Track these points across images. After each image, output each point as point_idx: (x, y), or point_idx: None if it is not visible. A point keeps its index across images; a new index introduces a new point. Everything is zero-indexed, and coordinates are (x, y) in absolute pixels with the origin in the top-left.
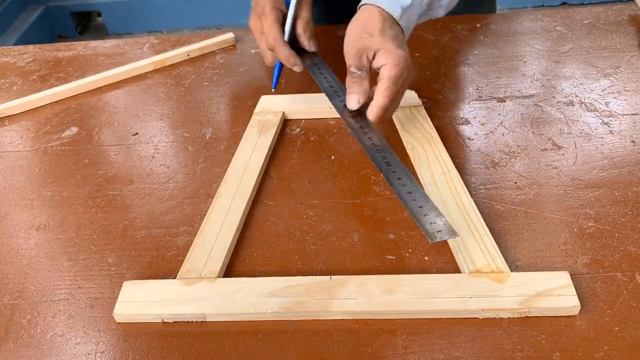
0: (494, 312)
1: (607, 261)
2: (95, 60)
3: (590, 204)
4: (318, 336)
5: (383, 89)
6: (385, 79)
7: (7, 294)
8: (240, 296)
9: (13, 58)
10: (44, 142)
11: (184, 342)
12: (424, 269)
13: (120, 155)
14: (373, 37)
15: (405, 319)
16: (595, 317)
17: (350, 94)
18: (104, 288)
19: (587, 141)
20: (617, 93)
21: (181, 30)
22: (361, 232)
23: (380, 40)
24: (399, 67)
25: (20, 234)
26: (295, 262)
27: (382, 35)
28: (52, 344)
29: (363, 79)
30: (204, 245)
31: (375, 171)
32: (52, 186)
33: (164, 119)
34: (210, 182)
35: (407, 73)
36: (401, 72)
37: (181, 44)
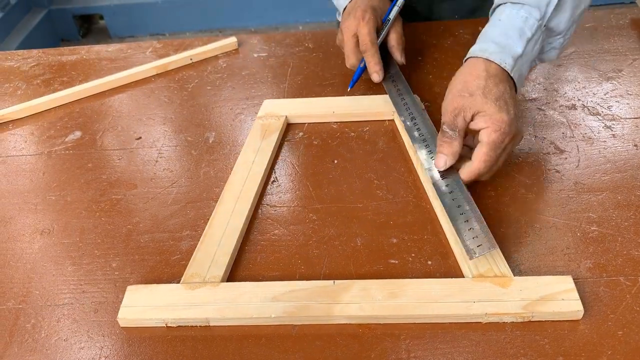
0: (497, 317)
1: (610, 265)
2: (99, 64)
3: (593, 208)
4: (321, 340)
5: (481, 154)
6: (484, 143)
7: (12, 298)
8: (244, 301)
9: (17, 62)
10: (48, 147)
11: (187, 346)
12: (427, 274)
13: (123, 160)
14: (474, 97)
15: (409, 323)
16: (599, 322)
17: (439, 154)
18: (107, 292)
19: (589, 145)
20: (619, 96)
21: (183, 34)
22: (364, 237)
23: (481, 101)
24: (500, 133)
25: (25, 238)
26: (298, 267)
27: (484, 95)
28: (57, 349)
29: (454, 140)
30: (208, 250)
31: (378, 175)
32: (56, 190)
33: (167, 123)
34: (214, 186)
35: (509, 138)
36: (502, 138)
37: (184, 48)
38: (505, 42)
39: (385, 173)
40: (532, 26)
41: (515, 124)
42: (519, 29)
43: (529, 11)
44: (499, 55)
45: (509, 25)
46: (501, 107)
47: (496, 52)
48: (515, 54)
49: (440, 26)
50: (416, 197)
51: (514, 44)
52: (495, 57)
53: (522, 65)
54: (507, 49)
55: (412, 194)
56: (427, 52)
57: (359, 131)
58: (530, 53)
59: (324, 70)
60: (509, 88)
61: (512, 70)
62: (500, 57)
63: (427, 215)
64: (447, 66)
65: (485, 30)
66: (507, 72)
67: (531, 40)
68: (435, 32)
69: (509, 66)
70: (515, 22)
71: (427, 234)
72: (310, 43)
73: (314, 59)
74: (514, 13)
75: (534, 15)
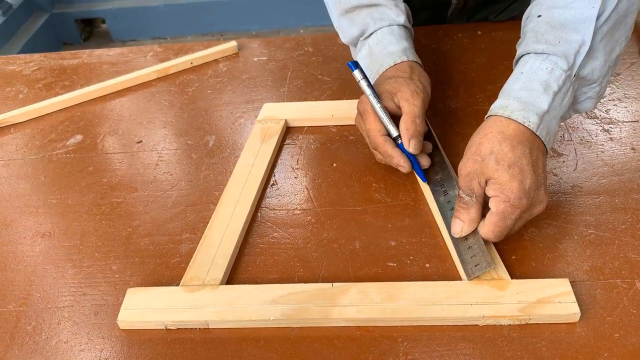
0: (495, 319)
1: (607, 268)
2: (100, 68)
3: (591, 211)
4: (320, 343)
5: (489, 223)
6: (493, 213)
7: (13, 300)
8: (243, 303)
9: (19, 66)
10: (49, 150)
11: (187, 348)
12: (425, 276)
13: (124, 163)
14: (485, 162)
15: (407, 326)
16: (596, 324)
17: (455, 219)
18: (108, 295)
19: (587, 148)
20: (617, 100)
21: (185, 37)
22: (363, 239)
23: (493, 167)
24: (508, 205)
25: (26, 241)
26: (297, 270)
27: (496, 161)
28: (57, 351)
29: (470, 207)
30: (207, 253)
31: (377, 178)
32: (57, 194)
33: (167, 127)
34: (213, 189)
35: (520, 211)
36: (512, 210)
37: (185, 52)
38: (528, 97)
39: (383, 176)
40: (558, 78)
41: (531, 194)
42: (544, 82)
43: (554, 61)
44: (522, 113)
45: (533, 78)
46: (514, 176)
47: (518, 109)
48: (540, 110)
49: (439, 30)
50: (414, 200)
51: (539, 99)
52: (518, 116)
53: (549, 122)
54: (530, 105)
55: (410, 197)
56: (426, 56)
57: (358, 134)
58: (558, 107)
59: (324, 74)
60: (529, 151)
61: (538, 129)
62: (523, 115)
63: (425, 218)
64: (446, 70)
65: (506, 84)
66: (530, 131)
67: (559, 94)
68: (434, 36)
69: (533, 125)
70: (539, 75)
71: (425, 237)
72: (310, 47)
73: (314, 62)
74: (537, 64)
75: (560, 65)
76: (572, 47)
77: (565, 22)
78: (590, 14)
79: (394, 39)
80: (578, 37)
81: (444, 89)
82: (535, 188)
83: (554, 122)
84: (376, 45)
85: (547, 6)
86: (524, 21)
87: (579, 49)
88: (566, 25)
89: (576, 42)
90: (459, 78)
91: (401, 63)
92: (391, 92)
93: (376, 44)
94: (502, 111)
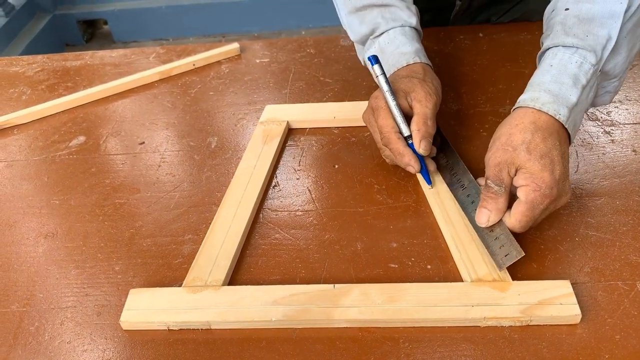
0: (496, 321)
1: (608, 270)
2: (103, 69)
3: (592, 213)
4: (321, 344)
5: (518, 213)
6: (522, 202)
7: (16, 301)
8: (245, 304)
9: (22, 68)
10: (52, 151)
11: (189, 349)
12: (427, 278)
13: (127, 164)
14: (517, 151)
15: (408, 327)
16: (597, 326)
17: (482, 209)
18: (110, 295)
19: (588, 150)
20: (618, 102)
21: (186, 38)
22: (364, 241)
23: (524, 157)
24: (539, 194)
25: (29, 241)
26: (299, 271)
27: (528, 151)
28: (60, 351)
29: (499, 197)
30: (209, 254)
31: (379, 180)
32: (59, 195)
33: (170, 128)
34: (216, 191)
35: (549, 200)
36: (541, 200)
37: (187, 53)
38: (558, 90)
39: (385, 178)
40: (587, 72)
41: (560, 185)
42: (574, 75)
43: (583, 55)
44: (553, 106)
45: (562, 71)
46: (545, 166)
47: (549, 102)
48: (570, 103)
49: (441, 32)
50: (416, 201)
51: (569, 92)
52: (549, 108)
53: (576, 115)
54: (561, 98)
55: (412, 198)
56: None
57: (360, 136)
58: (585, 101)
59: (326, 76)
60: (558, 143)
61: (567, 121)
62: (554, 107)
63: (427, 220)
64: (448, 72)
65: (535, 76)
66: (559, 124)
67: (586, 88)
68: (435, 38)
69: (563, 117)
70: (569, 68)
71: (427, 238)
72: (311, 49)
73: (316, 64)
74: (566, 58)
75: (589, 59)
76: (599, 42)
77: (593, 16)
78: (619, 9)
79: (406, 40)
80: (605, 32)
81: (446, 90)
82: (564, 179)
83: (579, 116)
84: (388, 45)
85: (574, 0)
86: (548, 14)
87: (605, 44)
88: (594, 20)
89: (603, 37)
90: (460, 80)
91: (414, 64)
92: (405, 91)
93: (388, 43)
94: (534, 103)
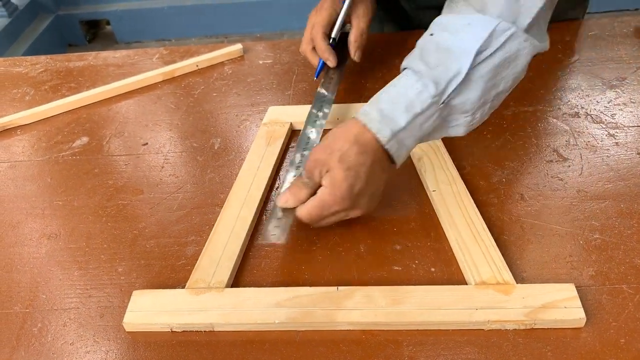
0: (500, 324)
1: (613, 273)
2: (106, 70)
3: (596, 216)
4: (325, 346)
5: (309, 206)
6: (316, 199)
7: (19, 302)
8: (248, 306)
9: (25, 68)
10: (55, 152)
11: (192, 351)
12: (431, 280)
13: (130, 165)
14: (332, 156)
15: (412, 330)
16: (601, 330)
17: (286, 191)
18: (113, 297)
19: (592, 153)
20: (623, 105)
21: (189, 39)
22: (368, 243)
23: (335, 163)
24: (331, 198)
25: (32, 242)
26: (302, 273)
27: (340, 159)
28: (63, 353)
29: (304, 188)
30: (212, 256)
31: None
32: (63, 195)
33: (173, 129)
34: (219, 192)
35: (340, 208)
36: (331, 204)
37: (190, 54)
38: (389, 111)
39: (389, 179)
40: (424, 101)
41: (355, 199)
42: (409, 101)
43: (425, 84)
44: (377, 125)
45: (401, 94)
46: (348, 177)
47: (376, 120)
48: (397, 127)
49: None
50: (420, 204)
51: (399, 116)
52: (373, 126)
53: (405, 138)
54: (388, 119)
55: (415, 201)
56: None
57: None
58: (418, 128)
59: None
60: (371, 161)
61: (387, 143)
62: (377, 126)
63: (431, 222)
64: None
65: (381, 90)
66: (380, 144)
67: (421, 115)
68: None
69: (383, 138)
70: (407, 93)
71: (431, 240)
72: None
73: None
74: (410, 83)
75: (429, 90)
76: (447, 75)
77: (449, 48)
78: (471, 47)
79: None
80: (456, 66)
81: None
82: (362, 195)
83: (409, 140)
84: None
85: (441, 27)
86: None
87: (452, 78)
88: (450, 52)
89: (452, 71)
90: None
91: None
92: None
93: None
94: (363, 117)
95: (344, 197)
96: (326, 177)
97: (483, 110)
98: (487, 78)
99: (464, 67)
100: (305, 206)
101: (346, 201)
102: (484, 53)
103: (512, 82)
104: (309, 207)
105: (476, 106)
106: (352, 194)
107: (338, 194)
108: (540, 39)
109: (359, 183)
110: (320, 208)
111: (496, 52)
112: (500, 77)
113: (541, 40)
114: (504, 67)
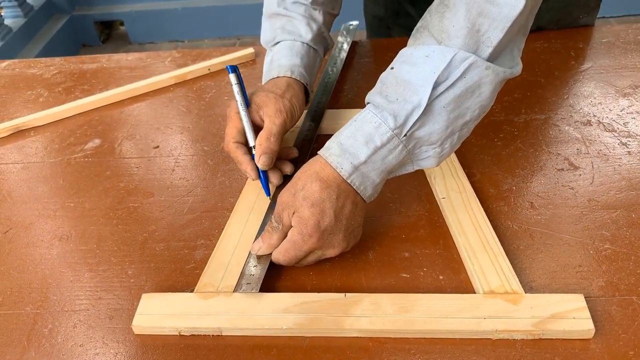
0: (508, 334)
1: (623, 284)
2: (119, 73)
3: (607, 226)
4: (332, 353)
5: (282, 248)
6: (287, 240)
7: (30, 303)
8: (256, 311)
9: (40, 70)
10: (68, 154)
11: (200, 355)
12: (439, 288)
13: (141, 168)
14: (296, 196)
15: (419, 338)
16: (610, 341)
17: (259, 239)
18: (123, 299)
19: (604, 162)
20: (635, 113)
21: (202, 40)
22: (376, 250)
23: (300, 202)
24: (300, 237)
25: (43, 244)
26: (310, 279)
27: (304, 197)
28: (73, 354)
29: (275, 233)
30: (221, 260)
31: (392, 188)
32: (74, 197)
33: (184, 133)
34: (229, 196)
35: (312, 246)
36: (302, 243)
37: (202, 58)
38: (349, 145)
39: (398, 186)
40: (383, 134)
41: (325, 236)
42: (368, 135)
43: (384, 118)
44: (337, 159)
45: (360, 128)
46: (313, 214)
47: (336, 154)
48: (358, 161)
49: None
50: (429, 211)
51: (359, 150)
52: (333, 160)
53: (368, 172)
54: (348, 153)
55: (425, 208)
56: None
57: None
58: (381, 161)
59: (340, 82)
60: (335, 196)
61: (349, 177)
62: (337, 160)
63: (440, 229)
64: None
65: (344, 126)
66: (342, 178)
67: (382, 149)
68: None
69: (345, 172)
70: (365, 127)
71: (439, 248)
72: (326, 54)
73: None
74: (369, 117)
75: (388, 123)
76: (406, 108)
77: (409, 80)
78: (430, 78)
79: (288, 53)
80: (416, 98)
81: None
82: (332, 232)
83: (373, 174)
84: (275, 55)
85: (402, 60)
86: None
87: (412, 111)
88: (409, 84)
89: (411, 104)
90: None
91: (280, 78)
92: (258, 105)
93: (276, 53)
94: (324, 152)
95: (311, 234)
96: (294, 217)
97: (452, 140)
98: (451, 109)
99: (423, 99)
100: (279, 250)
101: (313, 238)
102: (444, 84)
103: (479, 111)
104: (281, 250)
105: (443, 137)
106: (320, 231)
107: (306, 232)
108: (510, 65)
109: (326, 219)
110: (293, 249)
111: (456, 83)
112: (465, 107)
113: (511, 66)
114: (466, 97)
